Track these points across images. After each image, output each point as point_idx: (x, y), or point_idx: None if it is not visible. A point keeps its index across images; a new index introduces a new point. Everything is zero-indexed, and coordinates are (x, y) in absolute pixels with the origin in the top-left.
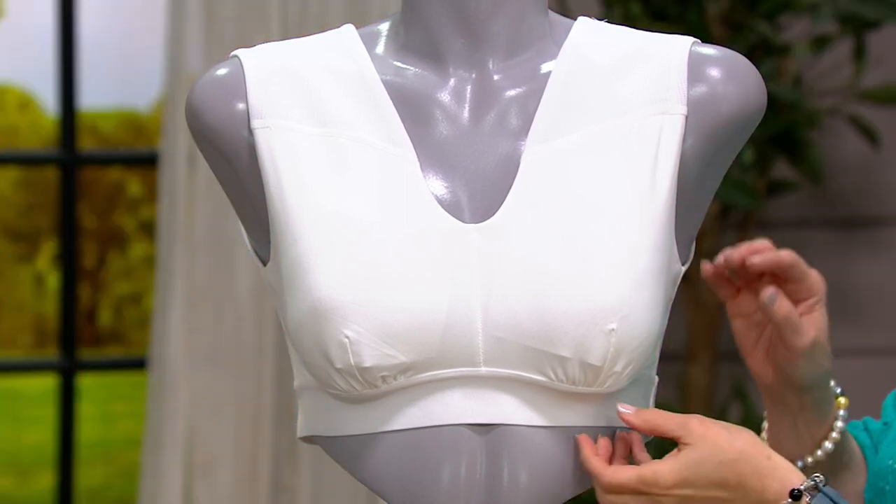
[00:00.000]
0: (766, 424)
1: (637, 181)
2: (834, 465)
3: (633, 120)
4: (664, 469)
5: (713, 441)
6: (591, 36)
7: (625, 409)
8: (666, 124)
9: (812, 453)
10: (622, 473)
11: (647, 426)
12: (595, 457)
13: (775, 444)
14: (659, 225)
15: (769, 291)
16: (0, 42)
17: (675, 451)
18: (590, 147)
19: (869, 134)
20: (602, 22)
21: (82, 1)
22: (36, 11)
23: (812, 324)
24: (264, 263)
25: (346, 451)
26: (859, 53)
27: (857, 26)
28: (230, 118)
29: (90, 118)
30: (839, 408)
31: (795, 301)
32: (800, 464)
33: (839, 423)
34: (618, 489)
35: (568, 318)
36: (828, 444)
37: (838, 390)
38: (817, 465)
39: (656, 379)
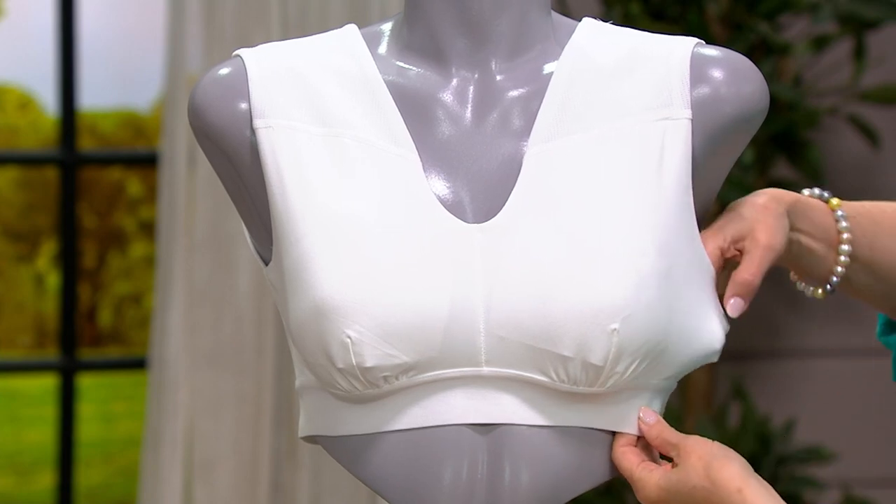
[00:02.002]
0: (792, 275)
1: (640, 184)
2: (860, 260)
3: (636, 124)
4: (650, 481)
5: (693, 466)
6: (594, 36)
7: (645, 416)
8: (669, 129)
9: (837, 262)
10: (625, 459)
11: (654, 440)
12: (622, 437)
13: (812, 279)
14: (666, 228)
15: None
16: (0, 42)
17: (669, 465)
18: (593, 148)
19: (869, 134)
20: (607, 23)
21: (82, 1)
22: (36, 11)
23: (752, 259)
24: (266, 263)
25: (347, 451)
26: (859, 53)
27: (857, 26)
28: (232, 118)
29: (90, 118)
30: (833, 210)
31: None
32: (834, 279)
33: (843, 224)
34: (621, 469)
35: (570, 317)
36: (844, 247)
37: (826, 195)
38: (849, 269)
39: (673, 386)
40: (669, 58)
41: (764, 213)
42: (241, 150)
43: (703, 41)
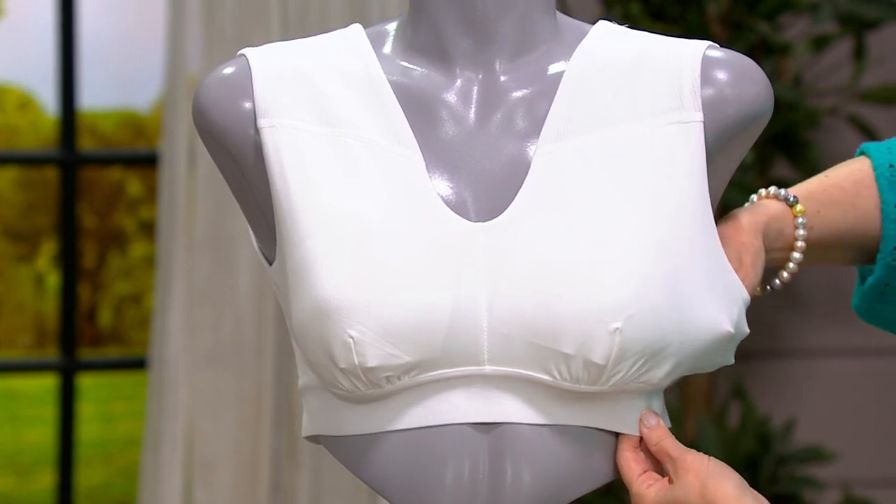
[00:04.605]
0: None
1: (650, 186)
2: (831, 245)
3: (647, 127)
4: (648, 496)
5: (690, 484)
6: (607, 39)
7: (647, 420)
8: (681, 132)
9: (786, 269)
10: (627, 467)
11: (653, 446)
12: (627, 440)
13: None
14: (676, 230)
15: None
16: (0, 42)
17: (667, 478)
18: (603, 149)
19: (868, 133)
20: (622, 26)
21: (82, 1)
22: (36, 11)
23: None
24: (270, 263)
25: (349, 451)
26: (859, 53)
27: (857, 26)
28: (237, 117)
29: (90, 118)
30: (796, 216)
31: None
32: (777, 282)
33: (800, 232)
34: (623, 476)
35: (572, 314)
36: (796, 255)
37: (791, 198)
38: (820, 255)
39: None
40: (680, 60)
41: (745, 253)
42: (244, 149)
43: (715, 44)
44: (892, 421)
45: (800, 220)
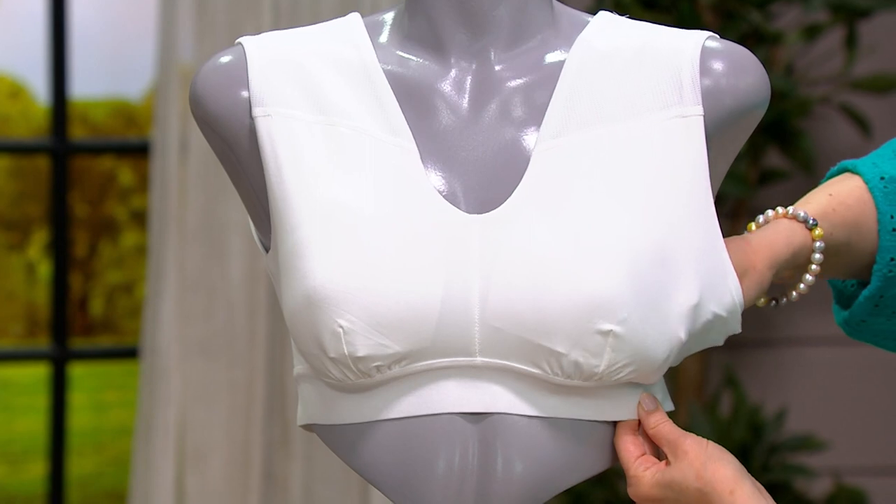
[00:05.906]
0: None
1: (649, 184)
2: (835, 264)
3: (648, 124)
4: (645, 478)
5: (688, 466)
6: (606, 30)
7: (645, 403)
8: (681, 127)
9: (796, 289)
10: (625, 450)
11: (650, 429)
12: (625, 424)
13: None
14: (676, 228)
15: None
16: None
17: (664, 461)
18: (603, 145)
19: (860, 122)
20: (622, 17)
21: None
22: (27, 0)
23: None
24: (267, 251)
25: (341, 440)
26: (851, 42)
27: (849, 15)
28: (233, 105)
29: (81, 107)
30: (815, 240)
31: None
32: (784, 300)
33: (817, 255)
34: (620, 458)
35: (564, 313)
36: (808, 277)
37: (811, 221)
38: (823, 273)
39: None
40: (681, 53)
41: (747, 278)
42: (240, 138)
43: (715, 35)
44: (882, 409)
45: (818, 244)
